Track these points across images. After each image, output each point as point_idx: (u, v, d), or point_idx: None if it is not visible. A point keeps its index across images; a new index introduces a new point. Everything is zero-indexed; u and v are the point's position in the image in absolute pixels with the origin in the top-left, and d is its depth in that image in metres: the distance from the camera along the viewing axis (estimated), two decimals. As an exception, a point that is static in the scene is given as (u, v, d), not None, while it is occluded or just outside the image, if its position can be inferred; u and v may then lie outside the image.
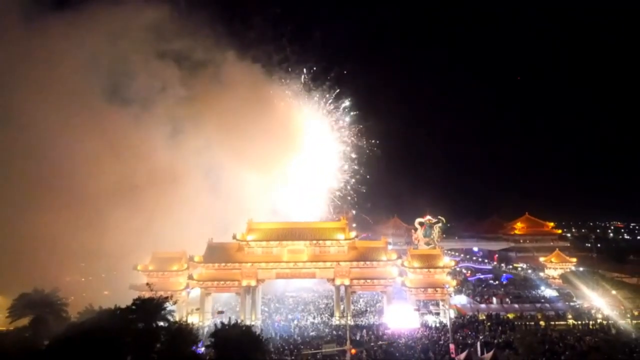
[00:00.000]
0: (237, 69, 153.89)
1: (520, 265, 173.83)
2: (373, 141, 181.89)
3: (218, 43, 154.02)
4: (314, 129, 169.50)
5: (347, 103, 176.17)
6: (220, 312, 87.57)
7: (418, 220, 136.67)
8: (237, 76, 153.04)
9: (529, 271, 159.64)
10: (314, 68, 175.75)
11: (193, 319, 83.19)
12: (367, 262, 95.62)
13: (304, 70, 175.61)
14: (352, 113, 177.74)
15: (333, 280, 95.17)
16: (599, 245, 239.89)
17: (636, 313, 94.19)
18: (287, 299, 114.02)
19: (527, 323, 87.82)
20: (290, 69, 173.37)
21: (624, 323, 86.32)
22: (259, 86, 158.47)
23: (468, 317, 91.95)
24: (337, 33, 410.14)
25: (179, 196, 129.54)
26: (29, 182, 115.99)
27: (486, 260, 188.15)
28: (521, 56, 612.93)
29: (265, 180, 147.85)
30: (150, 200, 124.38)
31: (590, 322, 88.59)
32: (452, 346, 65.76)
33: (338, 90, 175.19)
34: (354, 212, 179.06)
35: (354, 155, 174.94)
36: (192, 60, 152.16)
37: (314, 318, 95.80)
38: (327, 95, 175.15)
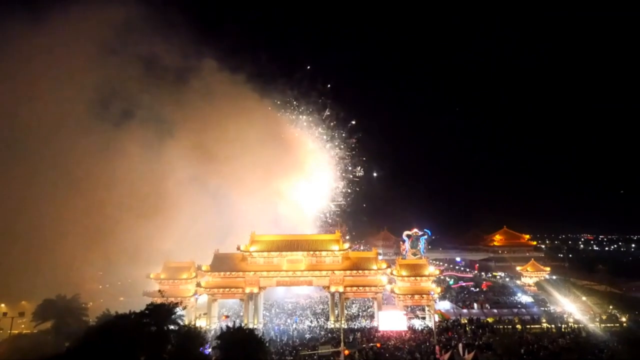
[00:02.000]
0: (235, 89, 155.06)
1: (499, 273, 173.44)
2: (364, 159, 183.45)
3: (215, 61, 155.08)
4: (311, 148, 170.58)
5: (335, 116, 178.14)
6: (226, 317, 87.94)
7: (406, 232, 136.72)
8: (239, 98, 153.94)
9: (507, 279, 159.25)
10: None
11: (201, 323, 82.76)
12: (360, 271, 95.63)
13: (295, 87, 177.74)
14: (342, 132, 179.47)
15: (328, 287, 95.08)
16: (570, 255, 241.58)
17: (604, 317, 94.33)
18: (287, 304, 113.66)
19: (505, 326, 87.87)
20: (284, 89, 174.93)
21: (593, 327, 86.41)
22: (262, 110, 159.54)
23: (451, 321, 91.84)
24: (321, 50, 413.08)
25: (188, 210, 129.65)
26: (52, 199, 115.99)
27: (468, 269, 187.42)
28: (499, 79, 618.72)
29: (267, 196, 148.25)
30: (162, 214, 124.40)
31: (563, 326, 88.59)
32: (437, 348, 65.88)
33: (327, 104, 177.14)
34: (347, 225, 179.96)
35: (347, 174, 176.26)
36: (194, 80, 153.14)
37: (311, 322, 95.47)
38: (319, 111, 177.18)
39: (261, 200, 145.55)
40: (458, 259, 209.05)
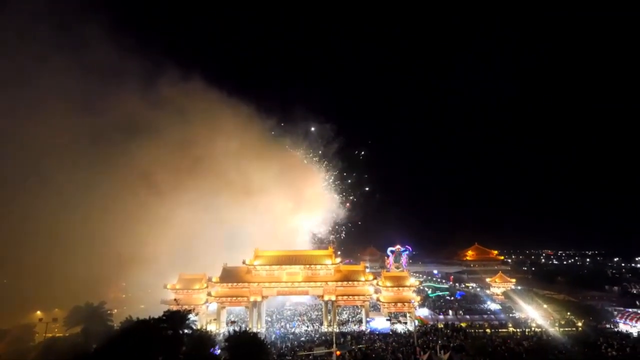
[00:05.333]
0: (241, 119, 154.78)
1: (471, 284, 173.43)
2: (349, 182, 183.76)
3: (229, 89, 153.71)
4: (307, 175, 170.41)
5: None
6: (233, 322, 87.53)
7: (390, 249, 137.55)
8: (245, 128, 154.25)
9: (478, 289, 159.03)
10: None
11: (211, 328, 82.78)
12: (349, 282, 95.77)
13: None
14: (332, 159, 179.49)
15: (322, 296, 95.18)
16: (533, 268, 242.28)
17: (563, 323, 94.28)
18: (286, 311, 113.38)
19: (477, 330, 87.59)
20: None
21: (554, 331, 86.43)
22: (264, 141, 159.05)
23: (429, 325, 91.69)
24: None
25: (199, 227, 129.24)
26: (81, 220, 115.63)
27: (444, 281, 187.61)
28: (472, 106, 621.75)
29: (268, 216, 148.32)
30: (176, 231, 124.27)
31: (527, 330, 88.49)
32: (417, 349, 65.90)
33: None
34: (338, 242, 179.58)
35: (339, 197, 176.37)
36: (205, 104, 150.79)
37: (307, 326, 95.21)
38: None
39: (263, 219, 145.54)
40: (435, 271, 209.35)
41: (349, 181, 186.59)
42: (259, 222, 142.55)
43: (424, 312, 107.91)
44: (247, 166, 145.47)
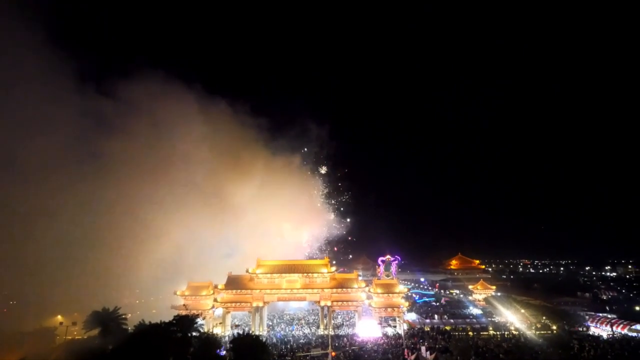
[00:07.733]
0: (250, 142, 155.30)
1: (455, 291, 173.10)
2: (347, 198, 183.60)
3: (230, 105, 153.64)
4: (306, 191, 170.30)
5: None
6: (237, 326, 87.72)
7: (380, 258, 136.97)
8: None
9: (461, 295, 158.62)
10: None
11: (217, 330, 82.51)
12: (344, 289, 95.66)
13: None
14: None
15: (319, 302, 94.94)
16: (512, 276, 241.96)
17: (539, 326, 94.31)
18: (285, 315, 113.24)
19: (460, 333, 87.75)
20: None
21: (530, 333, 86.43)
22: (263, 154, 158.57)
23: (417, 329, 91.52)
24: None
25: (205, 238, 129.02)
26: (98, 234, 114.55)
27: (430, 288, 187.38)
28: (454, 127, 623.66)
29: (269, 228, 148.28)
30: (184, 243, 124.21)
31: (506, 333, 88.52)
32: (405, 350, 66.00)
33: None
34: (333, 252, 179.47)
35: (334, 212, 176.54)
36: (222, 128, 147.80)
37: (305, 329, 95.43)
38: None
39: (261, 230, 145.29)
40: (422, 279, 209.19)
41: (343, 199, 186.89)
42: (257, 233, 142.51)
43: (411, 317, 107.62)
44: (247, 180, 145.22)
